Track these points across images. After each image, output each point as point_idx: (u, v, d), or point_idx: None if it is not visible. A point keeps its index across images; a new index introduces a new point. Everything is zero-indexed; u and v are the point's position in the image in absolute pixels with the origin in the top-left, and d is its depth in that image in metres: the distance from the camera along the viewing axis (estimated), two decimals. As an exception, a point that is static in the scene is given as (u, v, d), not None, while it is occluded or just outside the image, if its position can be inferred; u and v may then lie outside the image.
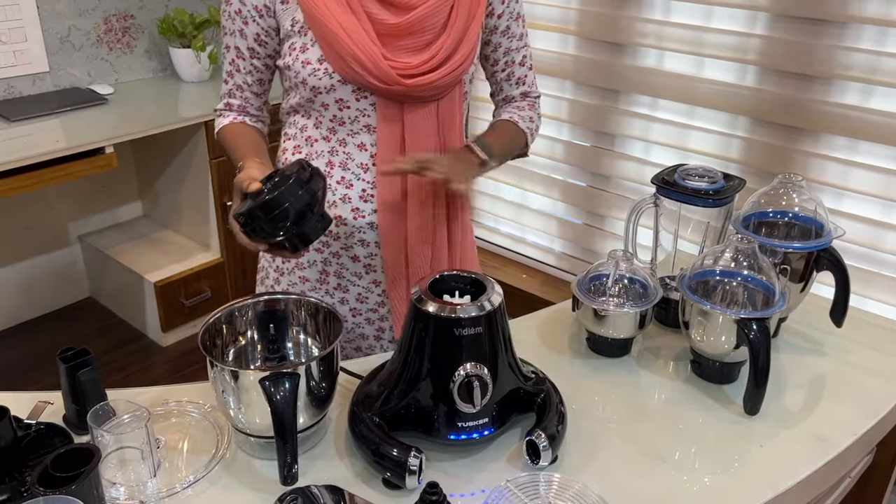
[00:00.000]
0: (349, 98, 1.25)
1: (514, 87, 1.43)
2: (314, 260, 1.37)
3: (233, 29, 1.27)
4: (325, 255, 1.37)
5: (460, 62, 1.26)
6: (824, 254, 1.27)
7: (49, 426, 1.07)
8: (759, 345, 1.12)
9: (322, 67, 1.22)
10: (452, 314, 1.01)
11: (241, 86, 1.33)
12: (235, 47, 1.29)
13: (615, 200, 2.77)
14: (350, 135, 1.28)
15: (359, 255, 1.35)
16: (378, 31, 1.21)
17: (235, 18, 1.26)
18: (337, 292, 1.39)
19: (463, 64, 1.27)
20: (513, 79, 1.42)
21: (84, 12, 2.90)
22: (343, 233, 1.33)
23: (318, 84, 1.23)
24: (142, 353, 2.93)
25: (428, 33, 1.24)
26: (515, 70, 1.41)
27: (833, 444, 1.12)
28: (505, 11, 1.34)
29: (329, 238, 1.35)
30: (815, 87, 2.17)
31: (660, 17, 2.45)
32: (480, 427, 1.04)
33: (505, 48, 1.38)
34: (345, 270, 1.37)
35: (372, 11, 1.21)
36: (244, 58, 1.29)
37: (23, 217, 2.98)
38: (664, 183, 1.32)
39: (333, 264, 1.37)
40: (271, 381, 0.96)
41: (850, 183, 2.18)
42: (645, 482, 1.04)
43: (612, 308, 1.25)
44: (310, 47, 1.22)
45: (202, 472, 1.03)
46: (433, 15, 1.23)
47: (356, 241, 1.34)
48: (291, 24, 1.23)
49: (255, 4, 1.23)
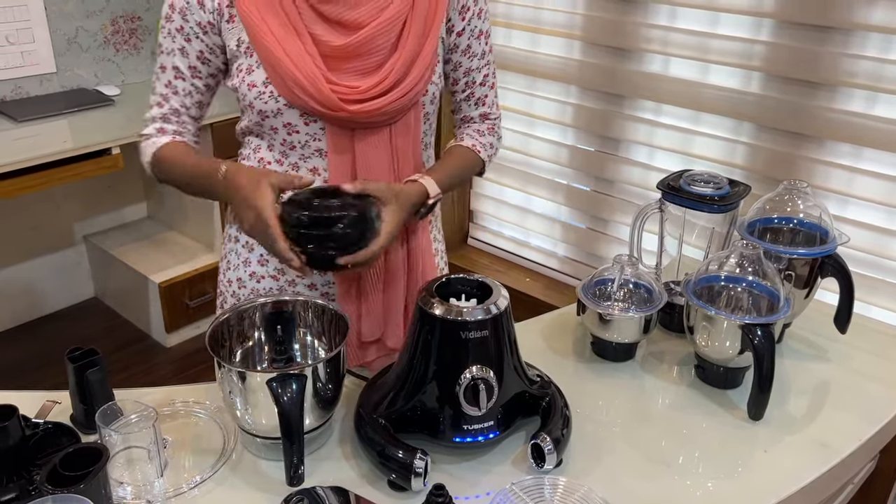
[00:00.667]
0: (297, 122, 1.20)
1: (474, 108, 1.36)
2: (269, 287, 1.32)
3: (172, 48, 1.20)
4: (280, 283, 1.32)
5: (413, 84, 1.19)
6: (829, 260, 1.28)
7: (57, 425, 1.07)
8: (763, 350, 1.12)
9: (268, 91, 1.17)
10: (459, 317, 1.01)
11: (178, 109, 1.24)
12: (174, 67, 1.21)
13: (619, 205, 2.78)
14: (302, 158, 1.23)
15: (316, 283, 1.31)
16: (323, 52, 1.16)
17: (176, 36, 1.19)
18: None
19: (416, 86, 1.20)
20: (472, 99, 1.35)
21: (91, 14, 2.91)
22: None
23: (264, 108, 1.18)
24: (145, 353, 2.94)
25: (377, 54, 1.18)
26: (476, 90, 1.34)
27: (836, 451, 1.12)
28: (466, 29, 1.26)
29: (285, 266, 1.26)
30: (820, 93, 2.18)
31: (665, 23, 2.46)
32: (486, 430, 1.05)
33: (465, 68, 1.30)
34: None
35: (316, 32, 1.15)
36: (184, 78, 1.21)
37: (29, 217, 2.99)
38: (670, 188, 1.32)
39: (289, 292, 1.31)
40: (279, 383, 0.96)
41: (855, 190, 2.18)
42: (649, 486, 1.04)
43: (617, 312, 1.25)
44: (255, 69, 1.17)
45: (208, 473, 1.04)
46: (381, 35, 1.17)
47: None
48: (237, 43, 1.18)
49: (199, 21, 1.17)
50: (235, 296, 1.36)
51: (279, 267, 1.31)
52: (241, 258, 1.34)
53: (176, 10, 1.18)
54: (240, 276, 1.35)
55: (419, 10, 1.19)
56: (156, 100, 1.24)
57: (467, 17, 1.26)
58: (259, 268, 1.32)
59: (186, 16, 1.17)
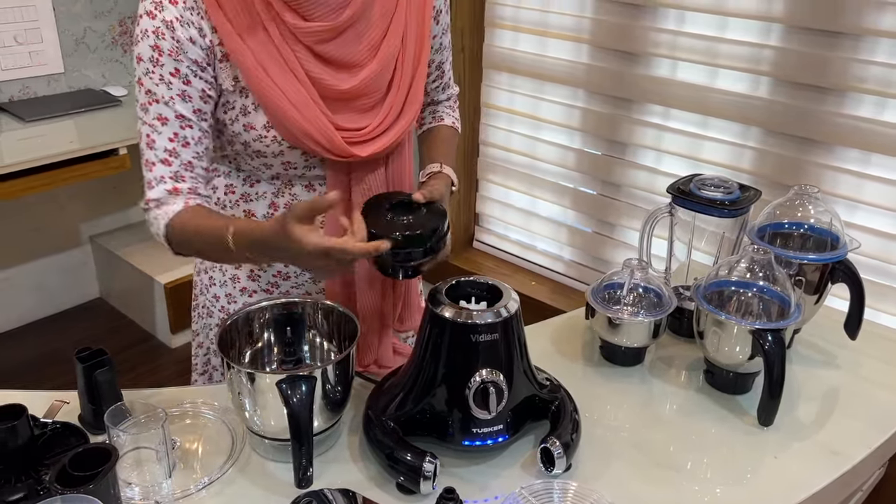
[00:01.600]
0: (297, 160, 1.17)
1: (442, 93, 1.40)
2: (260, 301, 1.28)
3: (169, 95, 1.07)
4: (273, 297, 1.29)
5: (412, 117, 1.20)
6: (839, 266, 1.27)
7: (65, 425, 1.07)
8: (773, 356, 1.12)
9: (270, 135, 1.12)
10: (469, 320, 1.01)
11: (191, 162, 1.10)
12: (178, 116, 1.08)
13: (626, 209, 2.77)
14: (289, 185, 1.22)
15: (311, 293, 1.30)
16: (323, 95, 1.11)
17: (172, 81, 1.06)
18: None
19: (412, 119, 1.21)
20: (441, 85, 1.38)
21: (99, 14, 2.92)
22: (294, 271, 1.27)
23: (264, 150, 1.14)
24: (150, 353, 2.94)
25: (378, 93, 1.16)
26: (444, 77, 1.37)
27: (846, 458, 1.11)
28: (439, 31, 1.28)
29: (279, 279, 1.28)
30: (829, 98, 2.17)
31: (673, 27, 2.45)
32: (495, 433, 1.04)
33: (439, 61, 1.33)
34: None
35: (315, 75, 1.10)
36: (191, 125, 1.09)
37: (35, 217, 2.99)
38: (679, 192, 1.32)
39: None
40: (288, 384, 0.96)
41: (864, 195, 2.18)
42: (658, 492, 1.04)
43: (627, 317, 1.25)
44: (252, 111, 1.11)
45: (217, 474, 1.03)
46: (381, 75, 1.15)
47: (307, 278, 1.28)
48: (234, 82, 1.10)
49: (195, 59, 1.07)
50: (224, 311, 1.32)
51: (272, 280, 1.28)
52: (227, 275, 1.31)
53: (164, 52, 1.05)
54: (229, 293, 1.31)
55: (409, 44, 1.18)
56: (159, 156, 1.09)
57: (440, 19, 1.27)
58: (250, 283, 1.30)
59: (179, 56, 1.06)
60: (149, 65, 1.06)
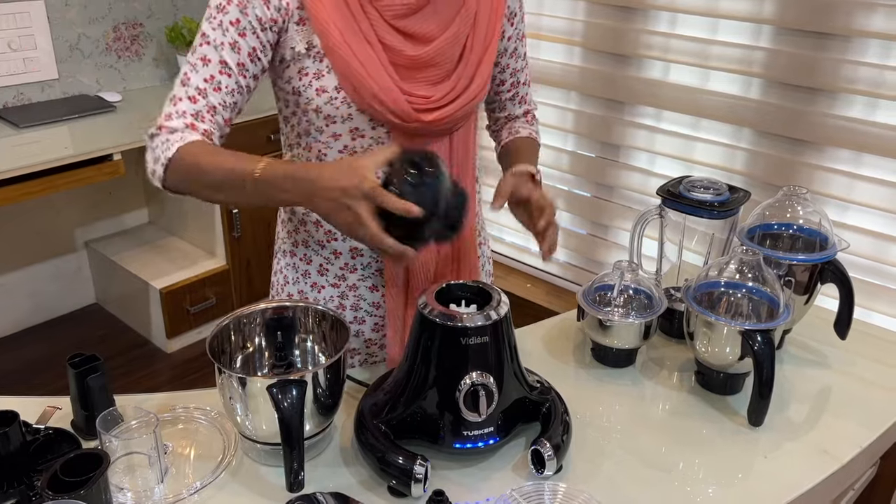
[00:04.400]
0: (365, 127, 1.19)
1: (518, 107, 1.43)
2: (330, 296, 1.32)
3: (221, 41, 1.11)
4: (341, 290, 1.32)
5: (476, 93, 1.22)
6: (829, 266, 1.28)
7: (57, 431, 1.07)
8: (763, 356, 1.13)
9: (339, 96, 1.15)
10: (459, 323, 1.01)
11: (215, 107, 1.13)
12: (221, 61, 1.11)
13: (620, 211, 2.78)
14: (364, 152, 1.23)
15: (377, 285, 1.31)
16: (394, 62, 1.15)
17: (229, 29, 1.11)
18: (353, 325, 1.34)
19: (479, 94, 1.23)
20: (517, 98, 1.41)
21: (93, 20, 2.92)
22: (360, 264, 1.29)
23: (334, 113, 1.16)
24: (146, 359, 2.94)
25: (446, 66, 1.19)
26: (520, 90, 1.40)
27: (836, 457, 1.12)
28: (513, 34, 1.32)
29: (345, 271, 1.30)
30: (820, 99, 2.18)
31: (665, 30, 2.46)
32: (486, 436, 1.05)
33: (512, 69, 1.36)
34: (362, 302, 1.33)
35: (388, 41, 1.14)
36: (230, 74, 1.12)
37: (30, 223, 2.99)
38: (669, 194, 1.32)
39: (350, 297, 1.32)
40: (279, 388, 0.97)
41: (855, 196, 2.19)
42: (649, 493, 1.04)
43: (617, 318, 1.25)
44: (325, 74, 1.14)
45: (209, 479, 1.04)
46: (451, 47, 1.19)
47: (373, 271, 1.30)
48: (307, 46, 1.13)
49: (260, 16, 1.10)
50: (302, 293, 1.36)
51: (339, 274, 1.31)
52: (299, 271, 1.34)
53: (233, 1, 1.10)
54: (301, 289, 1.34)
55: (480, 24, 1.22)
56: (188, 93, 1.12)
57: (514, 22, 1.31)
58: (319, 278, 1.33)
59: (246, 9, 1.10)
60: (214, 11, 1.12)
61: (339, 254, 1.29)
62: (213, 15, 1.12)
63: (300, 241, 1.32)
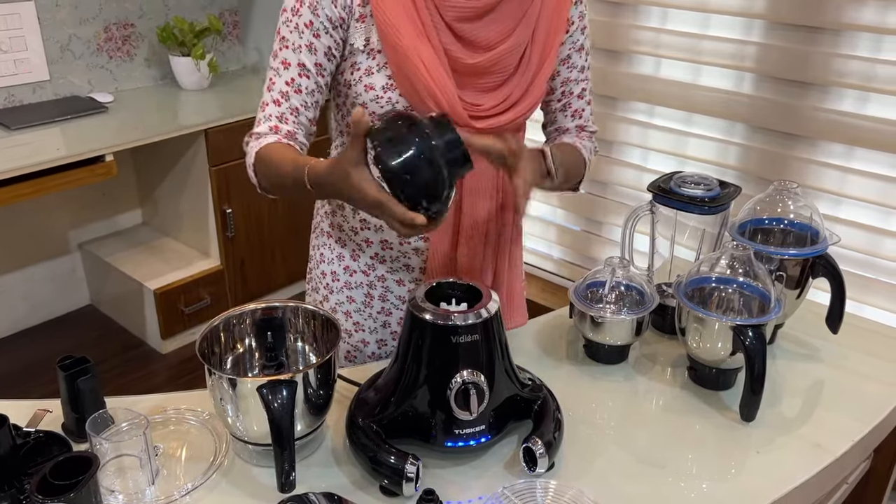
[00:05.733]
0: None
1: (570, 120, 1.37)
2: (360, 282, 1.35)
3: (299, 44, 1.15)
4: (370, 279, 1.35)
5: (529, 106, 1.22)
6: (820, 260, 1.28)
7: (48, 434, 1.07)
8: (754, 351, 1.12)
9: (386, 96, 1.17)
10: (449, 321, 1.01)
11: (297, 108, 1.18)
12: (300, 64, 1.16)
13: (613, 207, 2.78)
14: None
15: (404, 280, 1.34)
16: (453, 67, 1.16)
17: (304, 31, 1.14)
18: (380, 316, 1.37)
19: (531, 108, 1.23)
20: (568, 110, 1.36)
21: (84, 21, 2.91)
22: (389, 256, 1.32)
23: (378, 110, 1.18)
24: (141, 360, 2.93)
25: (501, 75, 1.20)
26: (573, 102, 1.35)
27: (829, 450, 1.12)
28: (568, 41, 1.29)
29: (375, 261, 1.33)
30: (812, 94, 2.18)
31: (656, 25, 2.46)
32: (477, 434, 1.05)
33: (563, 77, 1.32)
34: (389, 294, 1.35)
35: (449, 47, 1.15)
36: (309, 75, 1.16)
37: (23, 225, 2.98)
38: (660, 190, 1.32)
39: (378, 287, 1.35)
40: (269, 389, 0.96)
41: (848, 189, 2.19)
42: (642, 489, 1.04)
43: (609, 315, 1.25)
44: (375, 72, 1.16)
45: (200, 480, 1.03)
46: (509, 57, 1.19)
47: (401, 265, 1.33)
48: (365, 43, 1.16)
49: (330, 16, 1.14)
50: (329, 288, 1.39)
51: (369, 262, 1.34)
52: (334, 252, 1.37)
53: (304, 4, 1.14)
54: (334, 270, 1.38)
55: (539, 37, 1.22)
56: (273, 97, 1.18)
57: (571, 30, 1.29)
58: (352, 262, 1.35)
59: (317, 10, 1.13)
60: (290, 14, 1.15)
61: (370, 243, 1.32)
62: (288, 18, 1.16)
63: (336, 224, 1.36)
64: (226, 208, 2.88)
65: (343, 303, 1.38)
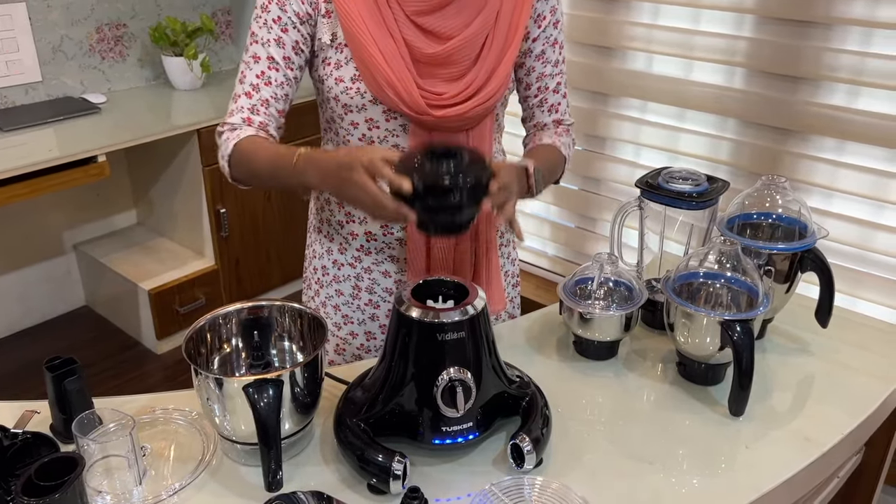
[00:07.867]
0: (379, 119, 1.24)
1: (547, 115, 1.39)
2: (348, 275, 1.38)
3: (268, 38, 1.21)
4: (357, 271, 1.37)
5: (491, 94, 1.24)
6: (808, 254, 1.28)
7: (36, 435, 1.07)
8: (742, 346, 1.12)
9: (354, 87, 1.21)
10: (435, 319, 1.01)
11: (268, 100, 1.23)
12: (269, 57, 1.21)
13: (607, 203, 2.78)
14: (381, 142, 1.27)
15: (390, 272, 1.36)
16: (414, 57, 1.20)
17: (273, 27, 1.20)
18: (368, 308, 1.39)
19: (494, 95, 1.25)
20: (545, 105, 1.38)
21: (76, 22, 2.90)
22: (374, 248, 1.34)
23: (349, 102, 1.23)
24: (136, 360, 2.93)
25: (462, 64, 1.22)
26: (549, 97, 1.37)
27: (819, 444, 1.12)
28: (541, 35, 1.31)
29: (361, 253, 1.35)
30: (803, 88, 2.18)
31: (648, 21, 2.46)
32: (465, 431, 1.05)
33: (539, 73, 1.34)
34: (376, 286, 1.37)
35: (409, 38, 1.19)
36: (278, 68, 1.22)
37: (17, 226, 2.98)
38: (648, 186, 1.32)
39: (365, 280, 1.37)
40: (255, 388, 0.96)
41: (839, 183, 2.19)
42: (631, 484, 1.04)
43: (598, 311, 1.25)
44: (344, 65, 1.21)
45: (188, 480, 1.03)
46: (468, 46, 1.21)
47: (386, 256, 1.35)
48: (331, 38, 1.21)
49: (297, 11, 1.20)
50: (319, 283, 1.43)
51: (356, 255, 1.36)
52: (324, 247, 1.40)
53: (273, 1, 1.20)
54: (324, 265, 1.41)
55: (501, 25, 1.24)
56: (244, 89, 1.23)
57: (543, 24, 1.30)
58: (339, 255, 1.38)
59: (285, 6, 1.19)
60: (259, 10, 1.21)
61: (355, 235, 1.35)
62: (258, 15, 1.22)
63: (324, 218, 1.39)
64: (220, 208, 2.87)
65: (332, 296, 1.40)
